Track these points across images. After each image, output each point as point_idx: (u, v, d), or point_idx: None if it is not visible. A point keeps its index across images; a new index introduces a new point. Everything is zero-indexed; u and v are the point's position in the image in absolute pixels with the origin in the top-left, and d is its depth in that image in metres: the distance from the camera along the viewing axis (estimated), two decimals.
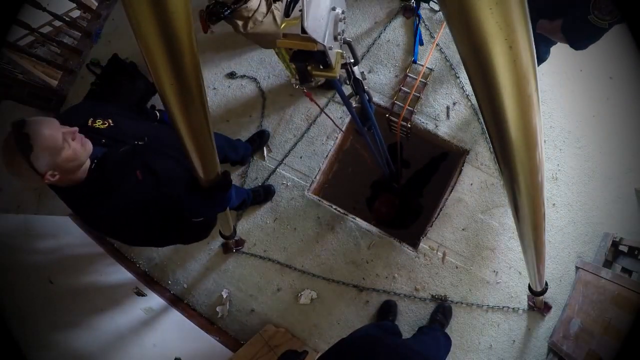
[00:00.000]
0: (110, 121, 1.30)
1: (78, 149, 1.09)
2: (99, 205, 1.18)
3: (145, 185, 1.24)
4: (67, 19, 3.00)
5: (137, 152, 1.28)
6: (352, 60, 1.17)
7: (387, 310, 2.07)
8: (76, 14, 3.71)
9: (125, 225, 1.21)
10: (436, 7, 2.37)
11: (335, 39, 0.96)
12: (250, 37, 1.82)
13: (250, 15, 1.63)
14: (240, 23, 1.66)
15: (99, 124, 1.27)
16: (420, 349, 1.46)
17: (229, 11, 1.56)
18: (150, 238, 1.27)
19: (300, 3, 0.86)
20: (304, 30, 0.84)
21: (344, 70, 1.17)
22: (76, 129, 1.10)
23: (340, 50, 1.02)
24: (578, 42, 1.42)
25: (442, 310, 2.04)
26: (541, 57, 1.85)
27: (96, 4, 2.96)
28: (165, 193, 1.24)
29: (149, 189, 1.24)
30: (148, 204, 1.21)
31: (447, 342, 1.85)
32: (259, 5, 1.64)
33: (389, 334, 1.76)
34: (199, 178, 0.95)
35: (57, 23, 3.41)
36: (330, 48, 0.93)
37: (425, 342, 1.73)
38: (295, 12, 0.89)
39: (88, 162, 1.17)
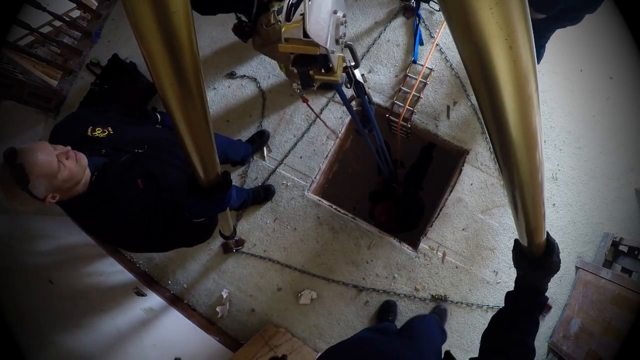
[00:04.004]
0: (110, 129, 1.29)
1: (73, 167, 1.08)
2: (101, 215, 1.18)
3: (146, 194, 1.23)
4: (67, 19, 3.00)
5: (137, 161, 1.27)
6: (353, 63, 1.16)
7: (387, 310, 2.07)
8: (76, 14, 3.71)
9: (128, 234, 1.21)
10: (436, 7, 2.37)
11: (337, 42, 0.96)
12: (268, 53, 1.85)
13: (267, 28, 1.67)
14: (259, 39, 1.70)
15: (98, 132, 1.27)
16: (414, 343, 1.41)
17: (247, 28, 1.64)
18: (153, 244, 1.27)
19: (301, 7, 0.86)
20: (306, 35, 0.84)
21: (344, 74, 1.17)
22: (69, 148, 1.09)
23: (342, 54, 1.02)
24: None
25: (438, 312, 2.04)
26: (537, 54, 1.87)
27: (96, 4, 2.96)
28: (165, 199, 1.24)
29: (151, 196, 1.24)
30: (150, 211, 1.21)
31: (436, 323, 1.78)
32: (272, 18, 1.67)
33: (383, 334, 1.73)
34: (199, 178, 0.95)
35: (57, 23, 3.42)
36: (333, 51, 0.92)
37: (416, 329, 1.67)
38: (297, 17, 0.88)
39: (88, 174, 1.16)
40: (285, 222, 2.28)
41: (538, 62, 1.93)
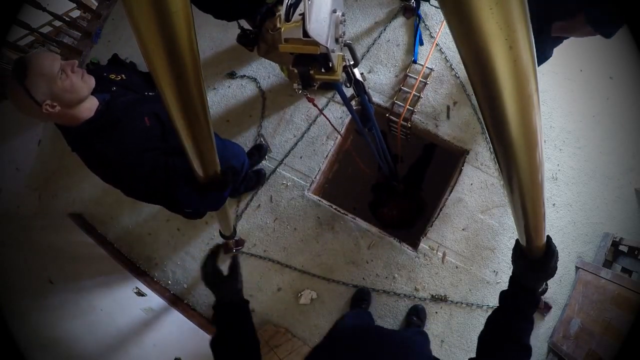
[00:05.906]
0: (123, 76, 1.35)
1: (76, 81, 1.10)
2: (104, 143, 1.18)
3: (152, 132, 1.25)
4: (67, 19, 2.99)
5: (146, 101, 1.32)
6: (352, 62, 1.17)
7: (361, 298, 2.07)
8: (76, 14, 3.71)
9: (127, 168, 1.20)
10: (436, 7, 2.37)
11: (337, 41, 0.96)
12: (274, 59, 1.84)
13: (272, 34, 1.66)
14: (264, 45, 1.70)
15: (112, 77, 1.33)
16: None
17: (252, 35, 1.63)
18: (152, 188, 1.25)
19: (301, 7, 0.86)
20: (305, 34, 0.84)
21: (344, 73, 1.17)
22: (75, 61, 1.12)
23: (341, 53, 1.02)
24: (607, 28, 1.41)
25: (416, 313, 2.04)
26: (546, 56, 1.87)
27: (96, 4, 2.96)
28: (172, 144, 1.24)
29: (156, 136, 1.26)
30: (154, 151, 1.22)
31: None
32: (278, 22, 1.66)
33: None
34: (197, 176, 0.96)
35: (57, 23, 3.41)
36: (333, 51, 0.92)
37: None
38: (296, 16, 0.89)
39: (96, 102, 1.19)
40: (285, 222, 2.28)
41: (543, 63, 1.91)
